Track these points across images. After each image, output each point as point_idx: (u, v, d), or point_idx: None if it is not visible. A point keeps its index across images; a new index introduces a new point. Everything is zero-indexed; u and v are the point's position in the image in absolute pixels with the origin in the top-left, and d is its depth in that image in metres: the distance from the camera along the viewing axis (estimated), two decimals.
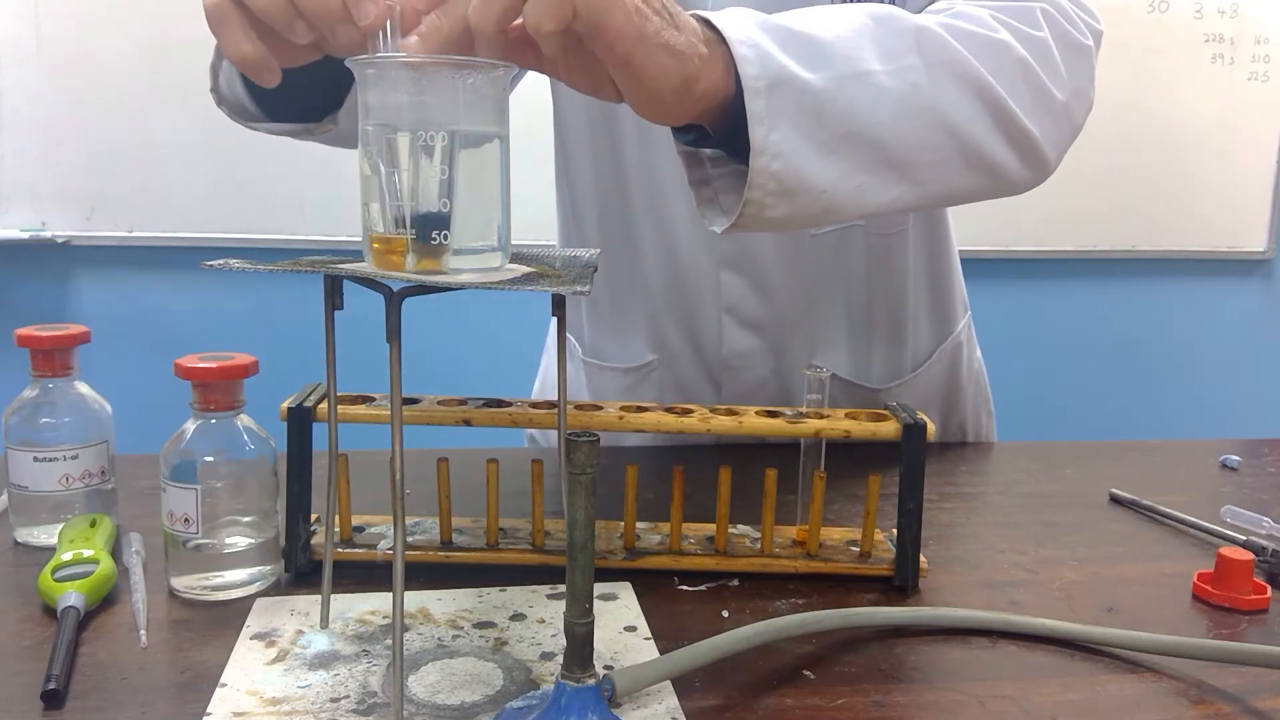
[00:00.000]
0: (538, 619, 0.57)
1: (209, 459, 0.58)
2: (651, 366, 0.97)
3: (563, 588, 0.60)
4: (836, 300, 0.93)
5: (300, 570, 0.63)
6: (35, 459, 0.65)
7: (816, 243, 0.90)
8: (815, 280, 0.92)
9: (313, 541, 0.63)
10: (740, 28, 0.57)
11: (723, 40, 0.57)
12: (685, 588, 0.62)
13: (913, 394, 0.98)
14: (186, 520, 0.58)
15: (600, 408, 0.64)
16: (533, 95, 0.89)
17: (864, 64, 0.61)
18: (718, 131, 0.60)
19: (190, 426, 0.59)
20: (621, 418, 0.63)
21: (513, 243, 0.51)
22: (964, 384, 1.02)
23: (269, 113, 0.68)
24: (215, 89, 0.69)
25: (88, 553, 0.59)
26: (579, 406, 0.64)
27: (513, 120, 0.50)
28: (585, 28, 0.48)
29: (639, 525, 0.68)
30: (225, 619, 0.56)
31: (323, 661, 0.52)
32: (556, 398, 0.58)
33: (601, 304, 0.99)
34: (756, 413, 0.64)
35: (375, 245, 0.47)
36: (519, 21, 0.49)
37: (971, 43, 0.65)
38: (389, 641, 0.54)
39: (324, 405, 0.61)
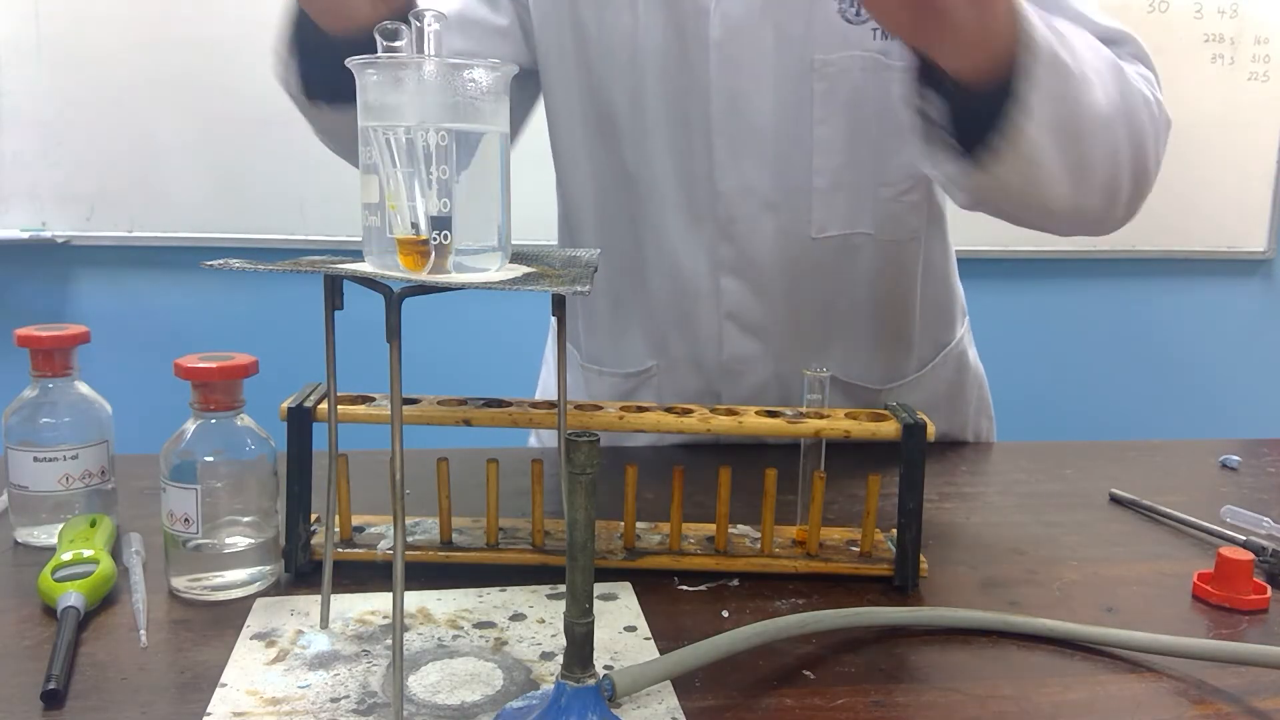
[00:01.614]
0: (538, 619, 0.57)
1: (209, 459, 0.58)
2: (650, 373, 0.97)
3: (563, 588, 0.60)
4: (839, 306, 0.92)
5: (300, 570, 0.63)
6: (35, 459, 0.65)
7: (818, 248, 0.89)
8: (817, 286, 0.91)
9: (313, 541, 0.63)
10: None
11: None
12: (685, 588, 0.62)
13: (913, 399, 0.97)
14: (186, 520, 0.58)
15: (600, 408, 0.64)
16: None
17: (1091, 71, 0.68)
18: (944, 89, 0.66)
19: (190, 426, 0.59)
20: (621, 418, 0.63)
21: (513, 243, 0.51)
22: (967, 389, 1.02)
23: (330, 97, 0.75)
24: (283, 77, 0.76)
25: (88, 553, 0.59)
26: (579, 406, 0.64)
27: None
28: None
29: (639, 525, 0.68)
30: (225, 619, 0.56)
31: (323, 661, 0.52)
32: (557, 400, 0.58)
33: (601, 310, 0.99)
34: (756, 413, 0.64)
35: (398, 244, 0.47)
36: None
37: (1141, 94, 0.74)
38: (389, 641, 0.54)
39: (324, 405, 0.61)
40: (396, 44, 0.48)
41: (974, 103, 0.66)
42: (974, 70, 0.64)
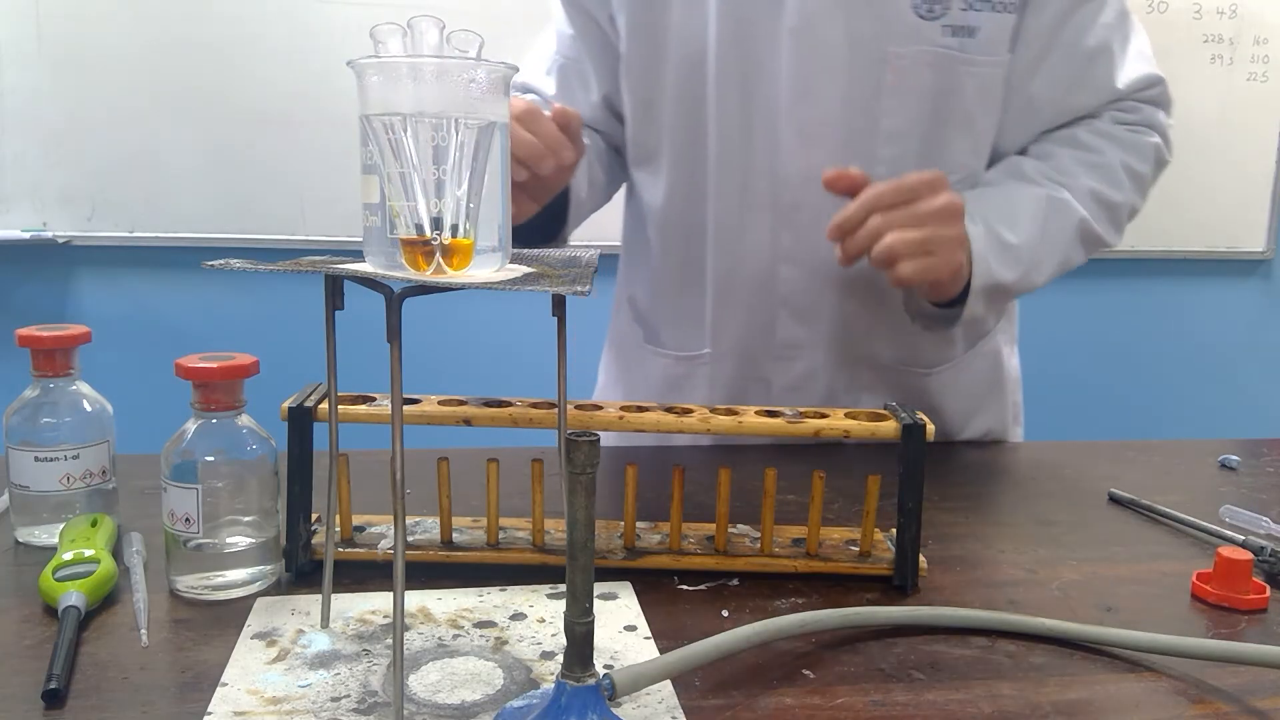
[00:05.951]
0: (538, 618, 0.57)
1: (210, 459, 0.59)
2: (703, 359, 0.98)
3: (563, 587, 0.60)
4: (891, 293, 0.93)
5: (301, 570, 0.63)
6: (36, 459, 0.66)
7: None
8: (871, 274, 0.90)
9: (313, 541, 0.63)
10: (980, 251, 0.84)
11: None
12: (685, 587, 0.62)
13: (956, 387, 0.99)
14: (187, 520, 0.58)
15: (600, 407, 0.64)
16: None
17: (1042, 268, 0.89)
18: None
19: (191, 426, 0.60)
20: (621, 418, 0.63)
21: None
22: (1006, 385, 1.03)
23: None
24: None
25: (89, 552, 0.59)
26: (579, 406, 0.64)
27: None
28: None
29: (639, 525, 0.68)
30: (226, 618, 0.57)
31: (323, 661, 0.52)
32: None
33: (666, 295, 1.01)
34: (756, 412, 0.64)
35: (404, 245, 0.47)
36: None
37: (1106, 213, 0.92)
38: (389, 641, 0.54)
39: (325, 405, 0.61)
40: (394, 46, 0.48)
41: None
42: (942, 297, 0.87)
